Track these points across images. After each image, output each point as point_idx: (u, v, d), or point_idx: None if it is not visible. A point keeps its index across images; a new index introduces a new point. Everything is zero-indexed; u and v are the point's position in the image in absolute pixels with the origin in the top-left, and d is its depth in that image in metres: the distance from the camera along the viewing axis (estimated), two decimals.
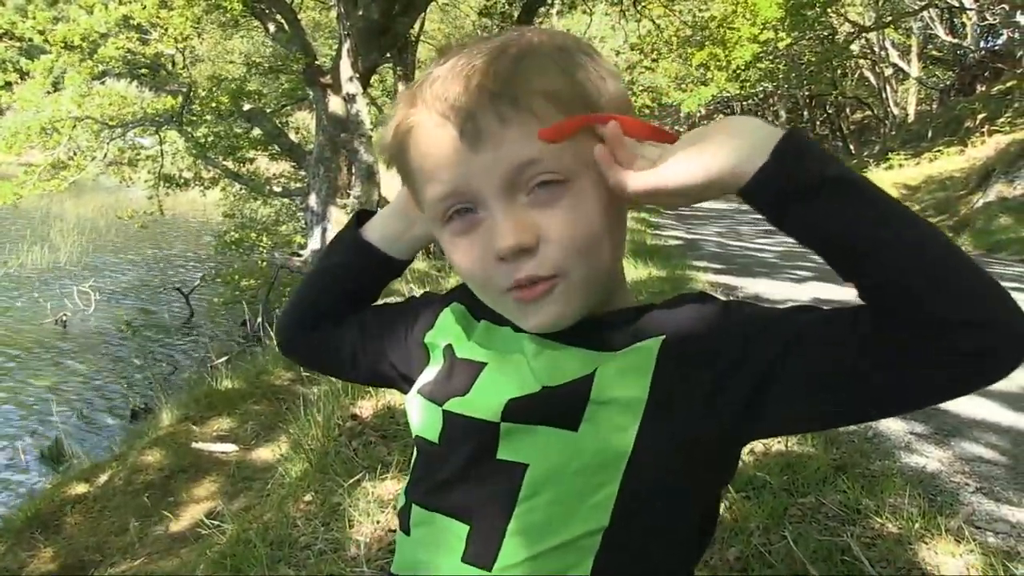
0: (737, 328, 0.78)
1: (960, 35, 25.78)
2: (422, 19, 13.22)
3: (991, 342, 0.65)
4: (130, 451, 5.10)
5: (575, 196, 0.76)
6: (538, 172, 0.75)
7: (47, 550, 4.00)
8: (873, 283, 0.69)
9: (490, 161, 0.75)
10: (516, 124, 0.75)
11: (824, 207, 0.69)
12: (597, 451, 0.76)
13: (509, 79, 0.75)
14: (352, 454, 3.33)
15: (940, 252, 0.67)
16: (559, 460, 0.77)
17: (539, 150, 0.74)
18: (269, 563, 2.63)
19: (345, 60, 9.85)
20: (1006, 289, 0.66)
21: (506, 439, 0.80)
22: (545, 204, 0.76)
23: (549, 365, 0.81)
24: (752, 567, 2.32)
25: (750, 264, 8.87)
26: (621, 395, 0.77)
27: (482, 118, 0.75)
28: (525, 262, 0.76)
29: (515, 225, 0.75)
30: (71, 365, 11.06)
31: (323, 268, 1.06)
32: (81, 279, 14.72)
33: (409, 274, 7.17)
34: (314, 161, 10.66)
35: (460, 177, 0.77)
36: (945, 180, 16.15)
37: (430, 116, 0.78)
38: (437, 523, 0.83)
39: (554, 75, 0.77)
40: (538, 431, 0.78)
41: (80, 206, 22.03)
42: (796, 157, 0.70)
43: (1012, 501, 2.80)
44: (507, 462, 0.79)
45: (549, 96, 0.76)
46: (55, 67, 10.52)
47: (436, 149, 0.78)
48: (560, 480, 0.77)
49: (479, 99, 0.75)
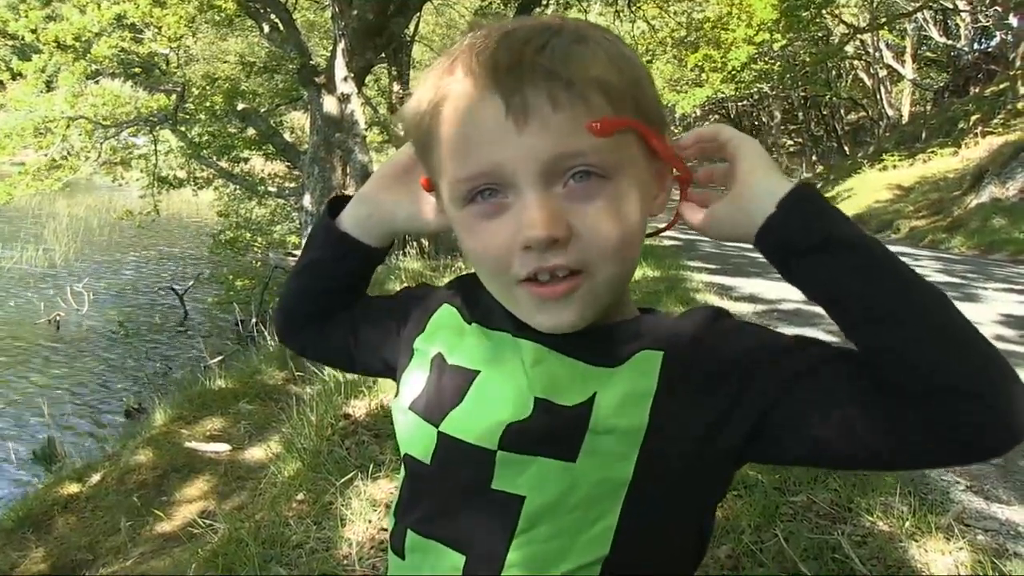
0: (745, 355, 0.76)
1: (954, 37, 25.86)
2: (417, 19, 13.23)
3: (992, 416, 0.65)
4: (123, 451, 5.09)
5: (613, 194, 0.74)
6: (580, 164, 0.72)
7: (39, 550, 3.98)
8: (873, 348, 0.69)
9: (533, 143, 0.71)
10: (567, 109, 0.71)
11: (826, 266, 0.71)
12: (597, 482, 0.74)
13: (566, 60, 0.71)
14: (345, 453, 3.33)
15: (947, 323, 0.67)
16: (557, 493, 0.74)
17: (587, 142, 0.71)
18: (261, 562, 2.62)
19: (340, 60, 9.85)
20: (1007, 361, 0.67)
21: (502, 468, 0.76)
22: (581, 198, 0.73)
23: (546, 376, 0.78)
24: (743, 565, 2.32)
25: (744, 264, 8.88)
26: (621, 423, 0.74)
27: (533, 95, 0.70)
28: (553, 254, 0.72)
29: (549, 215, 0.71)
30: (64, 365, 11.03)
31: (302, 266, 1.02)
32: (75, 279, 14.69)
33: (403, 274, 7.16)
34: (309, 161, 10.66)
35: (497, 156, 0.72)
36: (939, 181, 16.20)
37: (474, 86, 0.73)
38: (432, 551, 0.80)
39: (608, 66, 0.74)
40: (535, 462, 0.75)
41: (73, 205, 21.96)
42: (802, 212, 0.72)
43: (1002, 499, 2.81)
44: (503, 493, 0.76)
45: (603, 87, 0.72)
46: (48, 67, 10.50)
47: (475, 122, 0.73)
48: (558, 513, 0.74)
49: (532, 74, 0.70)
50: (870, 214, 15.90)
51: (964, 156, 16.70)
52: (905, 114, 26.25)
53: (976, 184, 13.92)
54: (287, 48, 10.75)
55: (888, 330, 0.67)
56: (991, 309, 6.15)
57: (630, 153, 0.75)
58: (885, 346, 0.67)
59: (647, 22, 15.77)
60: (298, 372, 5.32)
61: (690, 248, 10.57)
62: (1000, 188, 13.10)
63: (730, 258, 9.63)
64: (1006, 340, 5.16)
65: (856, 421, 0.70)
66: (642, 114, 0.76)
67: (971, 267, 9.08)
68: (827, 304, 0.72)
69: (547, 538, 0.74)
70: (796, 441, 0.73)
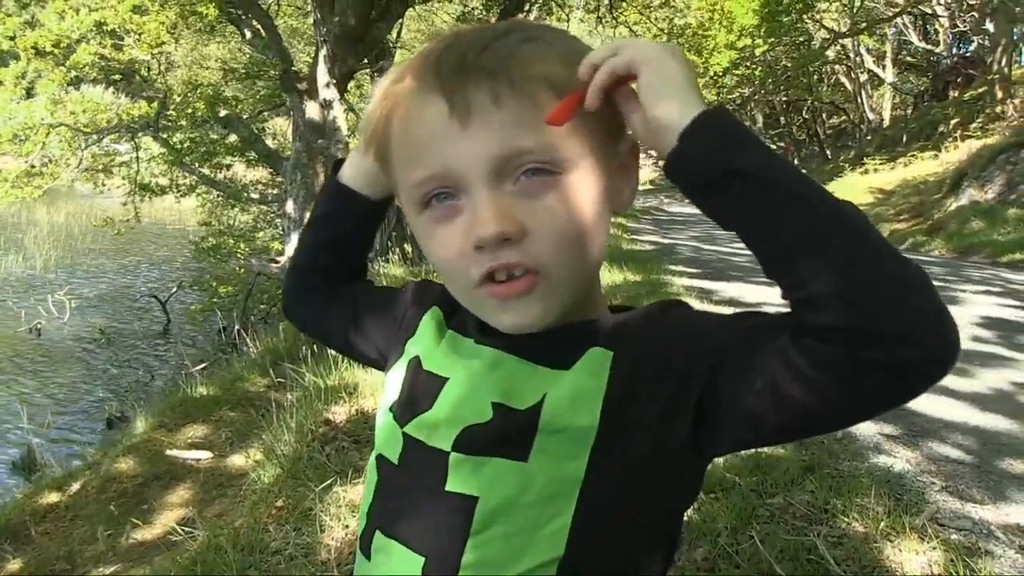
0: (684, 343, 0.74)
1: (933, 41, 26.13)
2: (399, 26, 13.22)
3: (924, 355, 0.62)
4: (103, 459, 5.06)
5: (565, 189, 0.72)
6: (529, 160, 0.71)
7: (15, 561, 3.95)
8: (795, 289, 0.65)
9: (479, 142, 0.71)
10: (512, 106, 0.70)
11: (731, 203, 0.67)
12: (549, 482, 0.73)
13: (509, 58, 0.71)
14: (324, 459, 3.32)
15: (869, 258, 0.62)
16: (510, 493, 0.74)
17: (534, 139, 0.71)
18: (239, 568, 2.62)
19: (322, 66, 9.84)
20: (934, 286, 0.63)
21: (455, 470, 0.76)
22: (533, 194, 0.72)
23: (503, 380, 0.78)
24: (719, 567, 2.34)
25: (724, 268, 8.93)
26: (571, 423, 0.74)
27: (475, 93, 0.70)
28: (506, 252, 0.72)
29: (499, 213, 0.71)
30: (45, 374, 10.95)
31: (309, 222, 1.04)
32: (56, 287, 14.58)
33: (385, 279, 7.16)
34: (291, 167, 10.63)
35: (445, 158, 0.72)
36: (919, 184, 16.37)
37: (420, 89, 0.73)
38: (394, 552, 0.80)
39: (557, 63, 0.73)
40: (488, 463, 0.75)
41: (54, 213, 21.81)
42: (703, 142, 0.68)
43: (976, 499, 2.84)
44: (457, 494, 0.76)
45: (551, 82, 0.72)
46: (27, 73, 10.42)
47: (422, 124, 0.73)
48: (512, 513, 0.74)
49: (476, 73, 0.71)
50: None
51: (944, 160, 16.89)
52: (886, 118, 26.50)
53: (955, 187, 14.07)
54: (269, 54, 10.73)
55: (807, 272, 0.63)
56: (969, 312, 6.21)
57: (585, 148, 0.74)
58: (806, 292, 0.63)
59: (629, 28, 15.83)
60: (279, 379, 5.31)
61: (670, 252, 10.62)
62: (979, 191, 13.25)
63: (711, 262, 9.68)
64: (984, 341, 5.22)
65: (787, 387, 0.66)
66: (601, 113, 0.74)
67: (950, 269, 9.17)
68: (748, 244, 0.68)
69: (501, 538, 0.74)
70: (736, 423, 0.71)
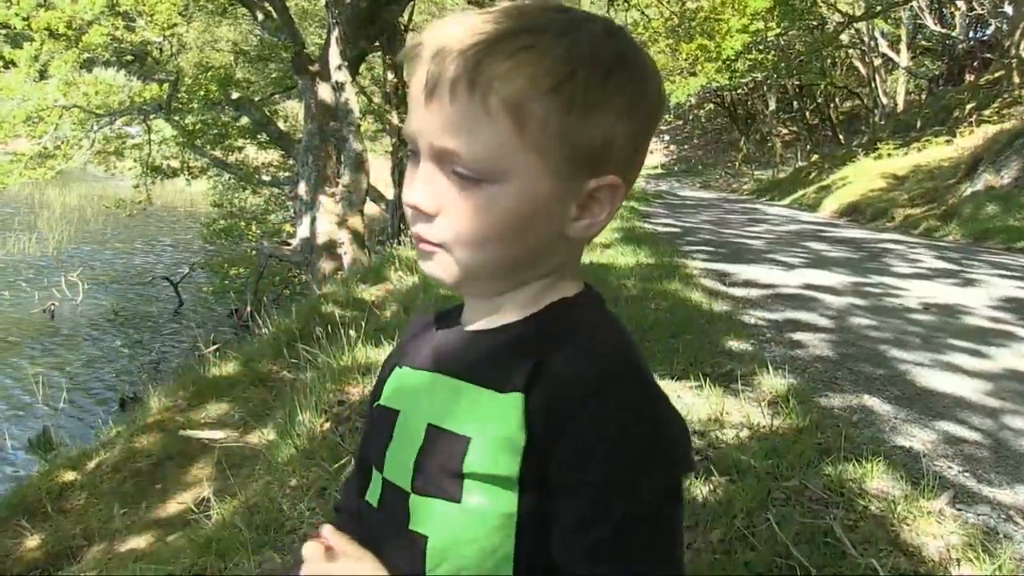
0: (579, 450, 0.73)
1: (949, 25, 25.84)
2: (411, 8, 13.17)
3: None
4: (118, 438, 5.09)
5: (483, 199, 0.75)
6: (456, 163, 0.75)
7: (33, 537, 3.99)
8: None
9: (430, 123, 0.75)
10: (461, 107, 0.73)
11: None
12: (484, 517, 0.76)
13: (479, 64, 0.72)
14: (338, 439, 3.33)
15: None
16: (451, 531, 0.77)
17: (465, 146, 0.73)
18: (254, 547, 2.63)
19: (334, 48, 9.82)
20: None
21: (414, 510, 0.80)
22: (459, 188, 0.76)
23: (440, 402, 0.81)
24: (735, 549, 2.33)
25: (742, 251, 8.88)
26: (495, 472, 0.75)
27: (444, 80, 0.73)
28: (420, 222, 0.79)
29: (425, 188, 0.77)
30: (60, 354, 11.02)
31: None
32: (69, 268, 14.66)
33: (398, 261, 7.16)
34: (303, 150, 10.63)
35: (411, 122, 0.79)
36: (934, 170, 16.19)
37: (425, 51, 0.77)
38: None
39: (526, 82, 0.72)
40: (434, 503, 0.78)
41: (66, 194, 21.89)
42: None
43: (994, 482, 2.82)
44: (415, 533, 0.79)
45: (508, 103, 0.72)
46: (40, 55, 10.44)
47: (413, 84, 0.78)
48: (456, 550, 0.76)
49: (450, 63, 0.73)
50: (865, 203, 15.91)
51: (959, 145, 16.69)
52: (900, 103, 26.25)
53: (971, 173, 13.93)
54: (281, 36, 10.71)
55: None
56: (987, 293, 6.17)
57: (531, 169, 0.75)
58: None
59: (640, 11, 15.72)
60: (293, 360, 5.32)
61: (683, 235, 10.56)
62: (994, 177, 13.11)
63: (728, 244, 9.62)
64: (1002, 322, 5.19)
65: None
66: (597, 158, 0.76)
67: (964, 255, 9.10)
68: None
69: (452, 574, 0.77)
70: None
